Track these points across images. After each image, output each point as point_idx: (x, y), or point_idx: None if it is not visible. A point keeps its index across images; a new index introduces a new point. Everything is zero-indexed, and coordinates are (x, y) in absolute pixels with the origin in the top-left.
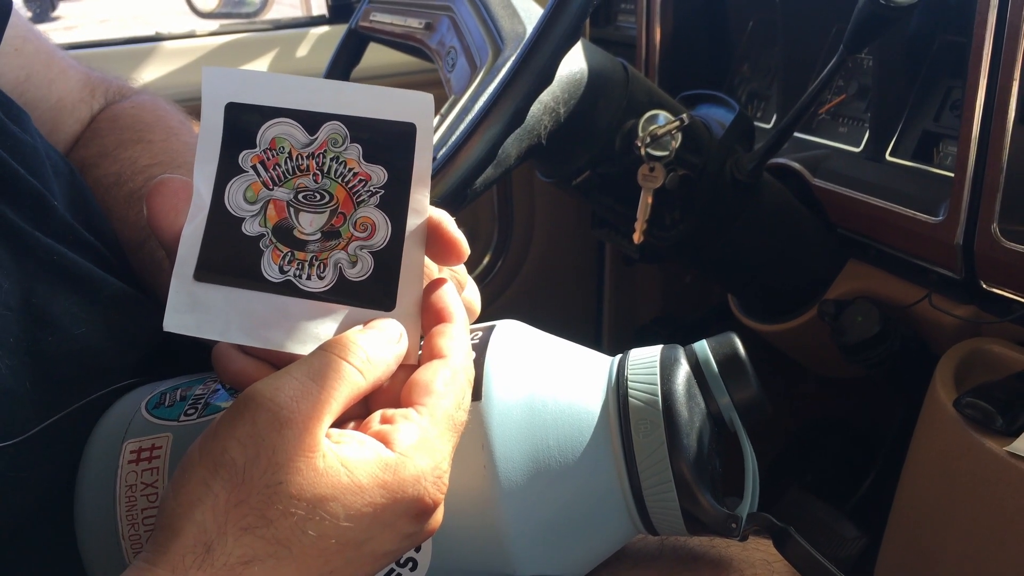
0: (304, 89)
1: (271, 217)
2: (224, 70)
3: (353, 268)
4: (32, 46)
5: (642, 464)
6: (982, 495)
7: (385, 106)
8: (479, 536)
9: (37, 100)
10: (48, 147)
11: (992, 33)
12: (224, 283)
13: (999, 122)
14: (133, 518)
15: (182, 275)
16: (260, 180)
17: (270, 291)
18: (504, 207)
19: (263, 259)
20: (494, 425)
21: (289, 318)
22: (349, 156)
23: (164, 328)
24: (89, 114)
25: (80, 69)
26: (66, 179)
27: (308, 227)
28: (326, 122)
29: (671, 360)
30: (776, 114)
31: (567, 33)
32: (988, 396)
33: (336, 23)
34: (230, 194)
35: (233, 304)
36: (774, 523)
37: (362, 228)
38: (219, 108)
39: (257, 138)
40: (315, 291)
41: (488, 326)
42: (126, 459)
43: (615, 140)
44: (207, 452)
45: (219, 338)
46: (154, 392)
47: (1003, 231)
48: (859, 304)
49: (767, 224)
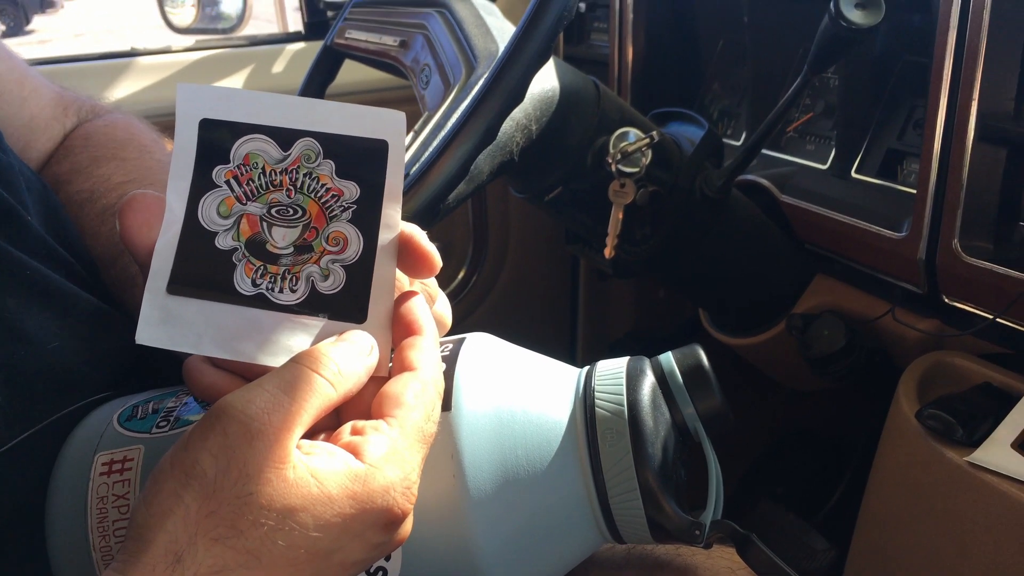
0: (278, 106)
1: (244, 231)
2: (199, 87)
3: (325, 281)
4: (4, 65)
5: (608, 472)
6: (944, 504)
7: (358, 123)
8: (448, 545)
9: (9, 118)
10: (21, 164)
11: (952, 54)
12: (197, 296)
13: (959, 140)
14: (104, 530)
15: (155, 288)
16: (234, 195)
17: (243, 304)
18: (479, 222)
19: (236, 272)
20: (463, 435)
21: (261, 331)
22: (322, 172)
23: (136, 341)
24: (62, 132)
25: (52, 88)
26: (39, 195)
27: (281, 241)
28: (299, 138)
29: (637, 371)
30: (745, 132)
31: (538, 52)
32: (949, 408)
33: (311, 40)
34: (203, 208)
35: (206, 317)
36: (737, 530)
37: (334, 242)
38: (193, 124)
39: (231, 154)
40: (287, 304)
41: (459, 338)
42: (97, 471)
43: (587, 157)
44: (178, 463)
45: (192, 351)
46: (126, 405)
47: (964, 247)
48: (825, 318)
49: (736, 239)
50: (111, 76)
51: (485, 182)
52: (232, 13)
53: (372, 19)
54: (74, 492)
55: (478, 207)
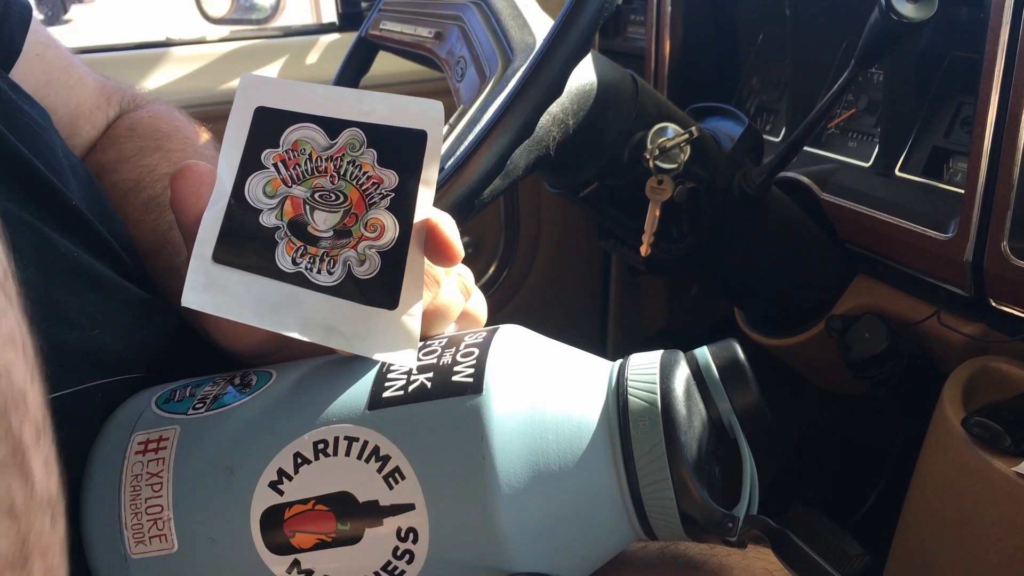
0: (330, 97)
1: (287, 212)
2: (261, 77)
3: (361, 266)
4: (53, 52)
5: (640, 462)
6: (989, 515)
7: (400, 114)
8: (475, 528)
9: (56, 105)
10: (66, 149)
11: (1004, 50)
12: (241, 267)
13: (1010, 139)
14: (136, 507)
15: (201, 255)
16: (280, 177)
17: (283, 280)
18: (510, 217)
19: (278, 249)
20: (493, 418)
21: (300, 307)
22: (364, 160)
23: (182, 304)
24: (105, 121)
25: (96, 77)
26: (84, 181)
27: (322, 224)
28: (346, 128)
29: (671, 363)
30: (785, 128)
31: (578, 45)
32: (996, 415)
33: (346, 31)
34: (250, 187)
35: (248, 288)
36: (771, 525)
37: (372, 229)
38: (249, 111)
39: (281, 139)
40: (324, 285)
41: (492, 328)
42: (133, 450)
43: (623, 152)
44: None
45: (234, 318)
46: (164, 389)
47: (1013, 249)
48: (866, 320)
49: (775, 238)
50: (146, 66)
51: (520, 177)
52: (266, 4)
53: (407, 10)
54: (109, 470)
55: (510, 202)
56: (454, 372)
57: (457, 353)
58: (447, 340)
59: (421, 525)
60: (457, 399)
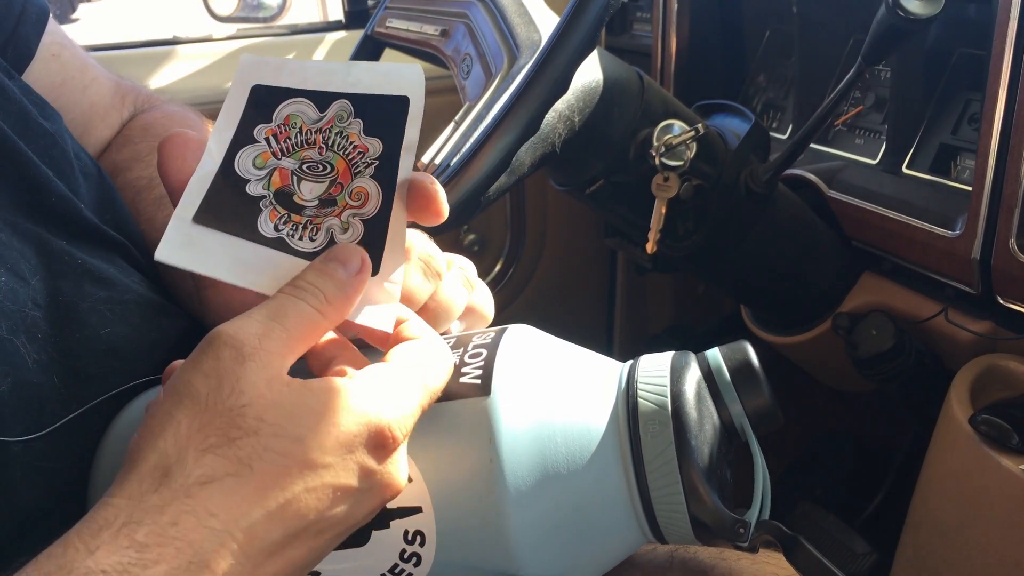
0: (321, 72)
1: (275, 183)
2: (259, 59)
3: (344, 234)
4: (68, 53)
5: (650, 464)
6: (997, 513)
7: (383, 81)
8: (483, 531)
9: (71, 105)
10: (78, 147)
11: (1012, 46)
12: (220, 229)
13: (1018, 136)
14: None
15: (182, 216)
16: (270, 150)
17: (262, 243)
18: (516, 215)
19: (260, 217)
20: (502, 420)
21: (276, 269)
22: (352, 131)
23: (155, 258)
24: (119, 121)
25: (111, 77)
26: (95, 180)
27: (308, 194)
28: (335, 100)
29: (682, 364)
30: (792, 125)
31: (583, 42)
32: (1004, 413)
33: (352, 28)
34: (240, 159)
35: (225, 248)
36: (784, 531)
37: (356, 197)
38: (245, 89)
39: (274, 115)
40: (305, 251)
41: (500, 328)
42: None
43: (629, 149)
44: (170, 388)
45: (207, 273)
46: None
47: (1021, 246)
48: (873, 318)
49: (781, 236)
50: (153, 64)
51: (526, 174)
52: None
53: (413, 8)
54: (114, 471)
55: (516, 199)
56: (462, 373)
57: (465, 354)
58: (455, 340)
59: (428, 528)
60: (465, 401)
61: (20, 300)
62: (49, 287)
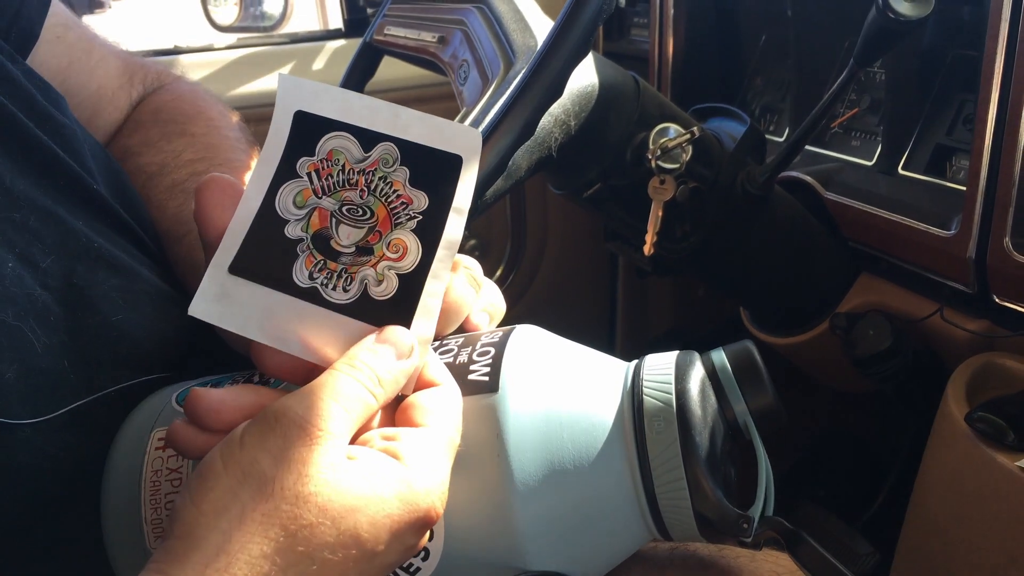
0: (366, 107)
1: (313, 224)
2: (298, 79)
3: (378, 287)
4: (74, 34)
5: (655, 461)
6: (994, 510)
7: (437, 135)
8: (490, 525)
9: (78, 87)
10: (85, 132)
11: (1004, 47)
12: (255, 279)
13: (1011, 136)
14: (156, 503)
15: (219, 265)
16: (312, 188)
17: (295, 295)
18: (517, 219)
19: (297, 263)
20: (509, 417)
21: (305, 325)
22: (396, 178)
23: (189, 312)
24: (128, 102)
25: (119, 54)
26: (104, 163)
27: (345, 240)
28: (381, 142)
29: (686, 363)
30: (789, 128)
31: (577, 46)
32: (1000, 411)
33: (351, 36)
34: (281, 196)
35: (257, 301)
36: (787, 527)
37: (394, 249)
38: (289, 114)
39: (317, 147)
40: (337, 303)
41: (508, 328)
42: (153, 446)
43: (626, 153)
44: (233, 462)
45: (237, 331)
46: (185, 387)
47: (1016, 245)
48: (871, 317)
49: (778, 237)
50: None
51: (523, 178)
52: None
53: (411, 15)
54: (130, 466)
55: (516, 204)
56: (470, 371)
57: (473, 352)
58: (463, 339)
59: (436, 523)
60: (473, 397)
61: (27, 284)
62: (64, 268)
